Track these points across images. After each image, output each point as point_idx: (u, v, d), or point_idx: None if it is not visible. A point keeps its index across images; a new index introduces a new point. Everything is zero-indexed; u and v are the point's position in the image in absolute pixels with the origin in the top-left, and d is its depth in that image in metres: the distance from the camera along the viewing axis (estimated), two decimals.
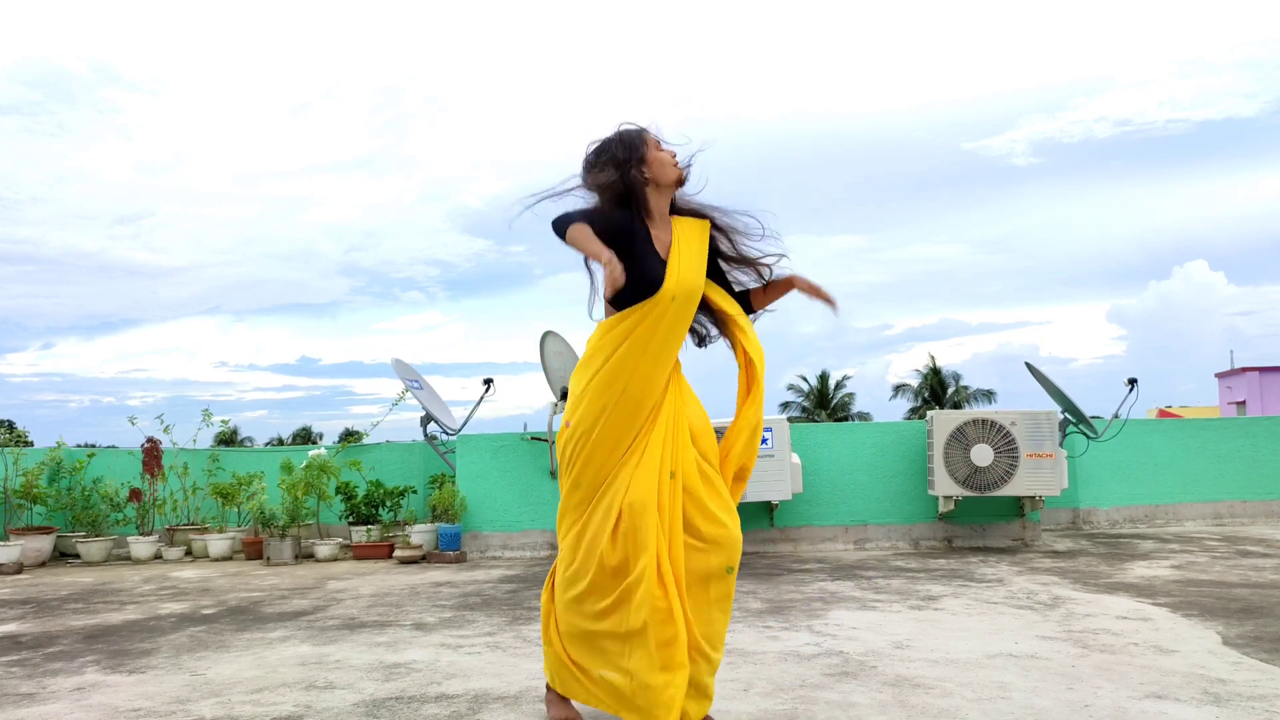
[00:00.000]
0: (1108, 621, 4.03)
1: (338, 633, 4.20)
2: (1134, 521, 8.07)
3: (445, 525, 6.97)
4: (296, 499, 7.29)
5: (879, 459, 7.19)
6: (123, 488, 7.92)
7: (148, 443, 7.93)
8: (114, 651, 3.92)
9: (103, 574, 6.73)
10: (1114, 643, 3.61)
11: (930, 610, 4.40)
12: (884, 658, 3.45)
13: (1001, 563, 6.02)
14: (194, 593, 5.62)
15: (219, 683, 3.32)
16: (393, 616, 4.57)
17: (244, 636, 4.17)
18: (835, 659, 3.44)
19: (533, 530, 7.10)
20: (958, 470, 6.58)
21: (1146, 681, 3.04)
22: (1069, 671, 3.19)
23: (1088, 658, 3.38)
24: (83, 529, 7.77)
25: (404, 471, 8.09)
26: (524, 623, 4.30)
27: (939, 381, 44.66)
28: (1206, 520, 8.14)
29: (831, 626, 4.03)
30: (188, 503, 8.10)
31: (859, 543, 7.02)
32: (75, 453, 8.21)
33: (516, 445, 7.22)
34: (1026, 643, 3.64)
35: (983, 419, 6.62)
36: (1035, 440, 6.55)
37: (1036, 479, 6.53)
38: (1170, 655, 3.39)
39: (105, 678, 3.45)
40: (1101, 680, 3.07)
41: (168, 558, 7.52)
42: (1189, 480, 8.21)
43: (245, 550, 7.46)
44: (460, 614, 4.59)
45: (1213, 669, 3.18)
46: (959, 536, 7.02)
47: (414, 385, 8.05)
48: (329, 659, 3.65)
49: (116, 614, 4.91)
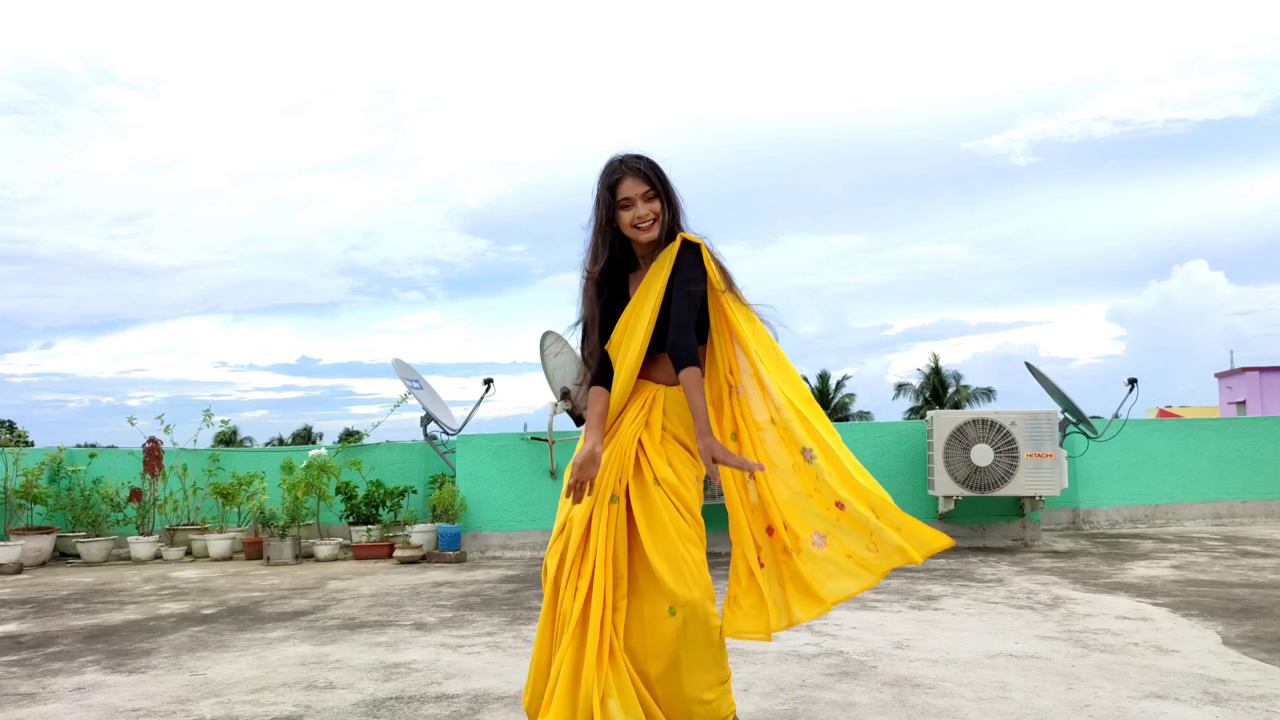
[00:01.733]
0: (1108, 621, 4.03)
1: (338, 633, 4.20)
2: (1134, 521, 8.07)
3: (445, 525, 6.97)
4: (297, 499, 7.29)
5: (879, 459, 7.19)
6: (123, 488, 7.93)
7: (148, 443, 7.93)
8: (114, 651, 3.92)
9: (103, 574, 6.73)
10: (1114, 643, 3.61)
11: (930, 610, 4.40)
12: (884, 658, 3.45)
13: (1001, 563, 6.02)
14: (194, 593, 5.62)
15: (219, 683, 3.32)
16: (393, 616, 4.57)
17: (244, 636, 4.17)
18: (835, 659, 3.44)
19: (533, 530, 7.10)
20: (958, 470, 6.59)
21: (1146, 681, 3.04)
22: (1069, 671, 3.19)
23: (1088, 658, 3.38)
24: (83, 529, 7.77)
25: (404, 471, 8.09)
26: (524, 623, 4.30)
27: (940, 381, 44.69)
28: (1206, 520, 8.14)
29: (831, 626, 4.03)
30: (188, 503, 8.10)
31: None
32: (76, 453, 8.21)
33: (516, 445, 7.23)
34: (1026, 643, 3.64)
35: (983, 419, 6.62)
36: (1035, 440, 6.55)
37: (1036, 479, 6.53)
38: (1170, 655, 3.39)
39: (105, 678, 3.45)
40: (1101, 680, 3.07)
41: (168, 558, 7.52)
42: (1189, 480, 8.21)
43: (245, 550, 7.46)
44: (460, 614, 4.59)
45: (1213, 669, 3.18)
46: (959, 536, 7.02)
47: (414, 385, 8.05)
48: (329, 659, 3.65)
49: (117, 614, 4.91)
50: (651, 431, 2.44)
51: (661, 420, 2.44)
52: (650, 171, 2.47)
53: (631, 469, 2.41)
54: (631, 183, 2.44)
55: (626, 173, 2.45)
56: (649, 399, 2.47)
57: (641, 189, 2.44)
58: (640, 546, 2.35)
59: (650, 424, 2.45)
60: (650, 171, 2.47)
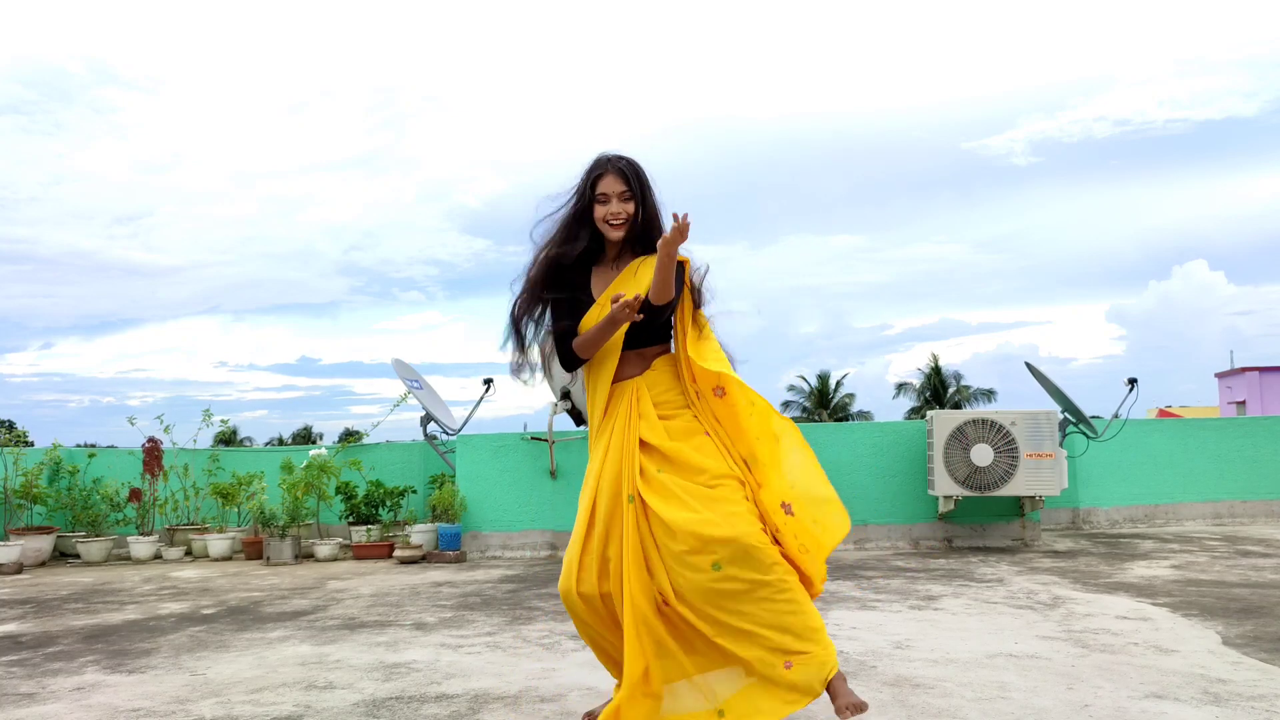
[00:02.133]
0: (1108, 621, 4.03)
1: (338, 633, 4.20)
2: (1134, 521, 8.07)
3: (445, 525, 6.97)
4: (296, 499, 7.29)
5: (879, 459, 7.19)
6: (123, 488, 7.93)
7: (148, 443, 7.93)
8: (114, 651, 3.92)
9: (103, 574, 6.73)
10: (1114, 642, 3.61)
11: (930, 610, 4.40)
12: (884, 657, 3.45)
13: (1001, 563, 6.02)
14: (194, 593, 5.63)
15: (219, 683, 3.33)
16: (393, 616, 4.58)
17: (244, 636, 4.18)
18: None
19: (533, 530, 7.10)
20: (958, 470, 6.59)
21: (1146, 681, 3.04)
22: (1069, 671, 3.19)
23: (1088, 658, 3.38)
24: (83, 529, 7.77)
25: (404, 471, 8.09)
26: (524, 623, 4.31)
27: (940, 381, 44.68)
28: (1206, 520, 8.14)
29: (831, 626, 4.03)
30: (188, 503, 8.10)
31: (859, 543, 7.03)
32: (75, 453, 8.21)
33: (517, 445, 7.23)
34: (1026, 643, 3.65)
35: (983, 419, 6.62)
36: (1035, 440, 6.55)
37: (1036, 479, 6.53)
38: (1170, 655, 3.40)
39: (105, 678, 3.45)
40: (1101, 680, 3.07)
41: (168, 558, 7.53)
42: (1189, 480, 8.21)
43: (245, 550, 7.47)
44: (460, 614, 4.59)
45: (1213, 669, 3.18)
46: (959, 536, 7.03)
47: (414, 385, 8.05)
48: (329, 659, 3.66)
49: (116, 614, 4.91)
50: (647, 420, 2.52)
51: (651, 406, 2.54)
52: (632, 173, 2.57)
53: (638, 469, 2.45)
54: (612, 179, 2.55)
55: (610, 169, 2.56)
56: (633, 393, 2.56)
57: (620, 188, 2.55)
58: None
59: (644, 414, 2.53)
60: (632, 173, 2.57)
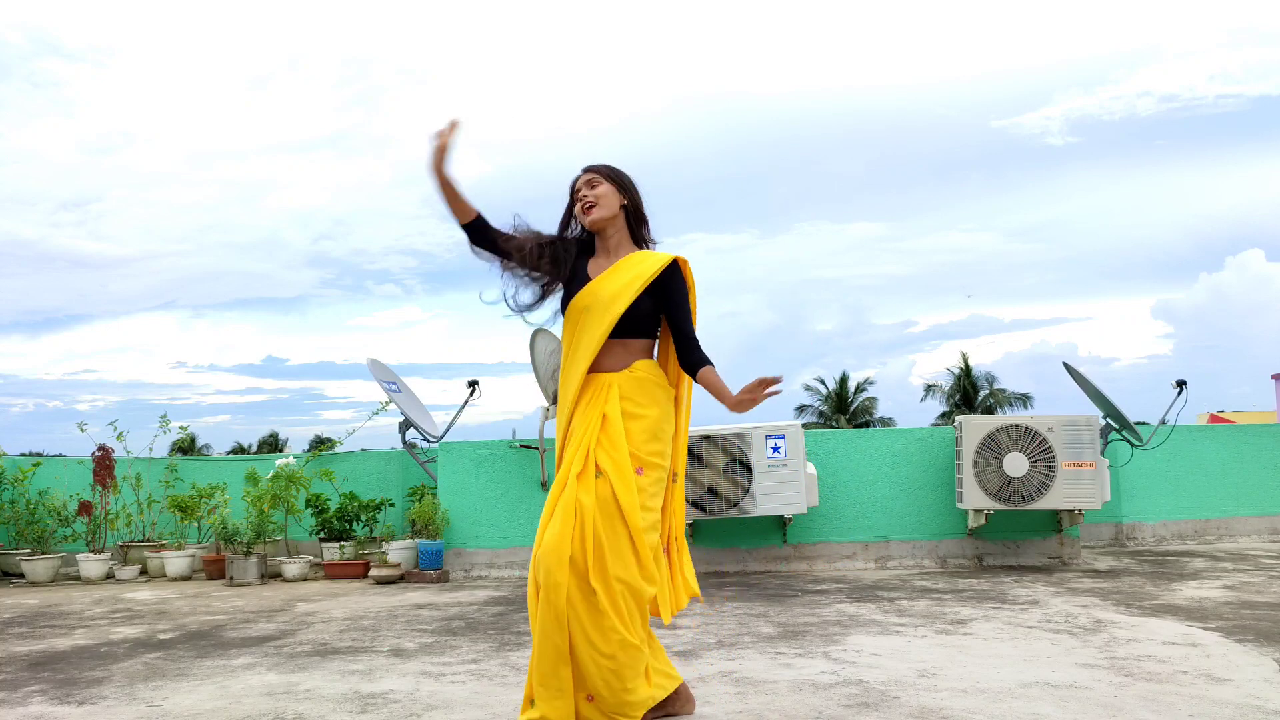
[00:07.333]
0: (1153, 648, 4.04)
1: (308, 660, 4.21)
2: (1183, 538, 8.08)
3: (425, 542, 6.99)
4: (262, 513, 7.30)
5: (903, 469, 7.20)
6: (71, 500, 7.94)
7: (99, 451, 7.94)
8: (61, 680, 3.93)
9: (49, 595, 6.74)
10: (1160, 671, 3.62)
11: (959, 635, 4.41)
12: (908, 687, 3.46)
13: (1037, 583, 6.03)
14: (150, 616, 5.63)
15: (177, 714, 3.33)
16: (368, 642, 4.59)
17: (205, 664, 4.18)
18: (854, 688, 3.45)
19: (522, 547, 7.11)
20: (989, 481, 6.60)
21: (1196, 713, 3.05)
22: (1111, 702, 3.20)
23: (1131, 687, 3.39)
24: (27, 546, 7.78)
25: (380, 483, 8.10)
26: (512, 649, 4.32)
27: (970, 384, 44.64)
28: (1263, 536, 8.15)
29: (850, 653, 4.04)
30: (143, 517, 8.11)
31: (880, 561, 7.04)
32: (19, 462, 8.22)
33: (504, 454, 7.24)
34: (1064, 671, 3.65)
35: (1016, 425, 6.64)
36: (1074, 448, 6.56)
37: (1076, 491, 6.54)
38: (1222, 685, 3.40)
39: (52, 709, 3.46)
40: (1146, 712, 3.08)
41: (121, 577, 7.53)
42: (1243, 492, 8.22)
43: (206, 569, 7.48)
44: (442, 639, 4.60)
45: (1270, 700, 3.19)
46: (990, 554, 7.04)
47: (391, 388, 8.07)
48: (298, 688, 3.66)
49: (64, 639, 4.92)
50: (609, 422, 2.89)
51: (620, 405, 2.91)
52: (602, 168, 3.07)
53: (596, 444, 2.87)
54: (586, 178, 3.07)
55: (585, 173, 3.08)
56: (605, 387, 2.95)
57: (588, 178, 3.06)
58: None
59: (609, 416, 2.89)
60: (602, 168, 3.07)
